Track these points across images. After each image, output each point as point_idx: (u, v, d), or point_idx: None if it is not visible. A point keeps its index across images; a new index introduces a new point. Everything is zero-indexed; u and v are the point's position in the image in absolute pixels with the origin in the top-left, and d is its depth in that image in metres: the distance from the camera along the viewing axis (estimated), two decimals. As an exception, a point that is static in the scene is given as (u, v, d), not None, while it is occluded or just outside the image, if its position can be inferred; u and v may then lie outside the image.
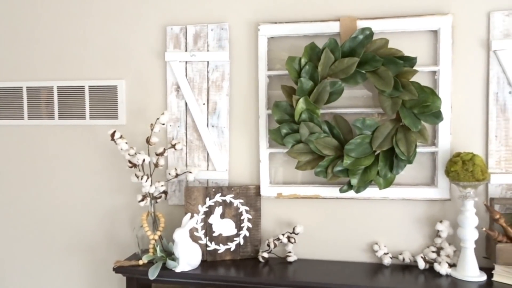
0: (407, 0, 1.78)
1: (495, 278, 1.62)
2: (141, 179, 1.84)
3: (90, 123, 2.10)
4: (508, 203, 1.73)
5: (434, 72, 1.78)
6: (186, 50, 1.96)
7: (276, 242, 1.87)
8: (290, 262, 1.86)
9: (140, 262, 1.83)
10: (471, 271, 1.65)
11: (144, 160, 1.86)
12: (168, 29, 1.98)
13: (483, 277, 1.64)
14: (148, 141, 1.89)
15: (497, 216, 1.65)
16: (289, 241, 1.87)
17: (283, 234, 1.87)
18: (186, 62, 1.96)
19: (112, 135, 1.86)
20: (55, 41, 2.13)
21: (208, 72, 1.95)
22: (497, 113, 1.74)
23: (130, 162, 1.89)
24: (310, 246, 1.91)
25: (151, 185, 1.87)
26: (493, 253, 1.65)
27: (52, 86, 2.12)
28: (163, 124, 1.89)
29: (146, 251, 1.91)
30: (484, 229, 1.66)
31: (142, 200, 1.89)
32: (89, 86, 2.09)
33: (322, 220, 1.90)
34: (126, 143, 1.87)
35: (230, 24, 1.94)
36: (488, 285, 1.60)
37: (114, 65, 2.07)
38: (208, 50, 1.94)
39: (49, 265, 2.21)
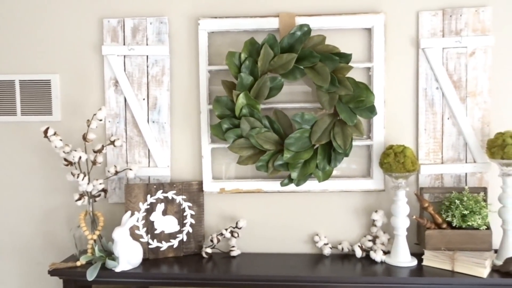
0: (343, -2, 1.85)
1: (424, 263, 1.73)
2: (78, 177, 1.77)
3: (21, 119, 1.99)
4: (436, 192, 1.84)
5: (368, 69, 1.85)
6: (124, 44, 1.90)
7: (220, 237, 1.87)
8: (234, 257, 1.87)
9: (78, 263, 1.76)
10: (403, 257, 1.74)
11: (80, 157, 1.79)
12: (105, 21, 1.91)
13: (414, 262, 1.74)
14: (84, 137, 1.82)
15: (426, 205, 1.76)
16: (232, 235, 1.88)
17: (226, 229, 1.88)
18: (124, 56, 1.90)
19: (45, 131, 1.77)
20: (-19, 32, 1.99)
21: (147, 66, 1.91)
22: (426, 107, 1.84)
23: (65, 160, 1.81)
24: (253, 240, 1.93)
25: (88, 183, 1.80)
26: (422, 240, 1.75)
27: (-22, 80, 1.99)
28: (101, 120, 1.83)
29: (84, 251, 1.84)
30: (414, 217, 1.76)
31: (79, 199, 1.82)
32: (19, 80, 1.97)
33: (264, 213, 1.93)
34: (61, 140, 1.79)
35: (169, 17, 1.90)
36: (419, 269, 1.70)
37: (47, 58, 1.97)
38: (147, 44, 1.90)
39: (-21, 271, 2.07)
